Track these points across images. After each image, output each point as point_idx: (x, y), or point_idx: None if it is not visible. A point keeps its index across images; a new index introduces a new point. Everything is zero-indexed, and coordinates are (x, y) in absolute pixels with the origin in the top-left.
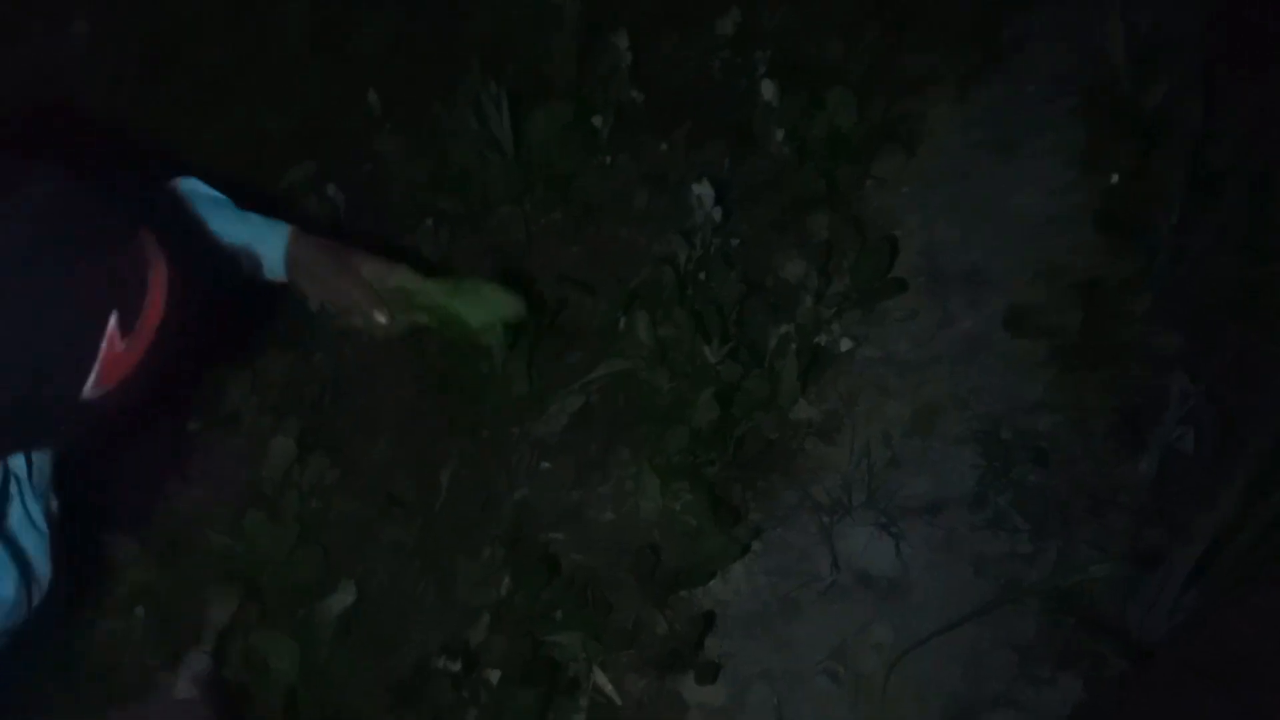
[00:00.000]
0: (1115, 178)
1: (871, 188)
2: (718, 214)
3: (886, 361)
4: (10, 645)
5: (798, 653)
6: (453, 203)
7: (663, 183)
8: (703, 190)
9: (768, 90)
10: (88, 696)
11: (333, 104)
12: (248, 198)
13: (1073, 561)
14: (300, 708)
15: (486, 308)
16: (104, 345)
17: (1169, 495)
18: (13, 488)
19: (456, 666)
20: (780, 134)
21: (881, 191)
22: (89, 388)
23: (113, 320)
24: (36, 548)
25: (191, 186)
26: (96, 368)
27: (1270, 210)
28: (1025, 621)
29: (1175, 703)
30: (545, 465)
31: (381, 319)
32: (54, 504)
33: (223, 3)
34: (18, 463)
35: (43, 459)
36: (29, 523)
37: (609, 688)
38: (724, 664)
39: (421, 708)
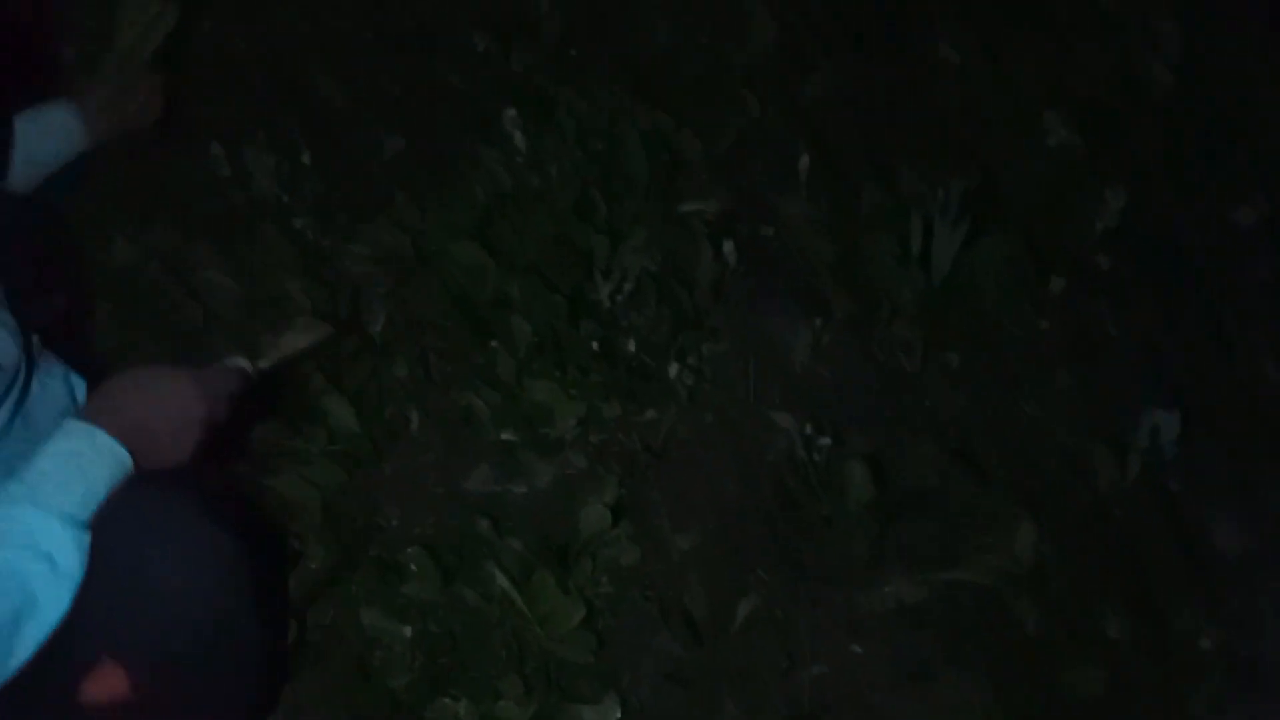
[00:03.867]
0: None
1: None
2: (1171, 450)
3: None
4: None
5: None
6: (846, 302)
7: (1096, 368)
8: (1164, 419)
9: None
10: None
11: (754, 146)
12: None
13: None
14: None
15: None
16: None
17: None
18: None
19: None
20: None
21: None
22: None
23: None
24: None
25: None
26: None
27: None
28: None
29: None
30: (857, 649)
31: None
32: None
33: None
34: None
35: None
36: None
37: None
38: None
39: None
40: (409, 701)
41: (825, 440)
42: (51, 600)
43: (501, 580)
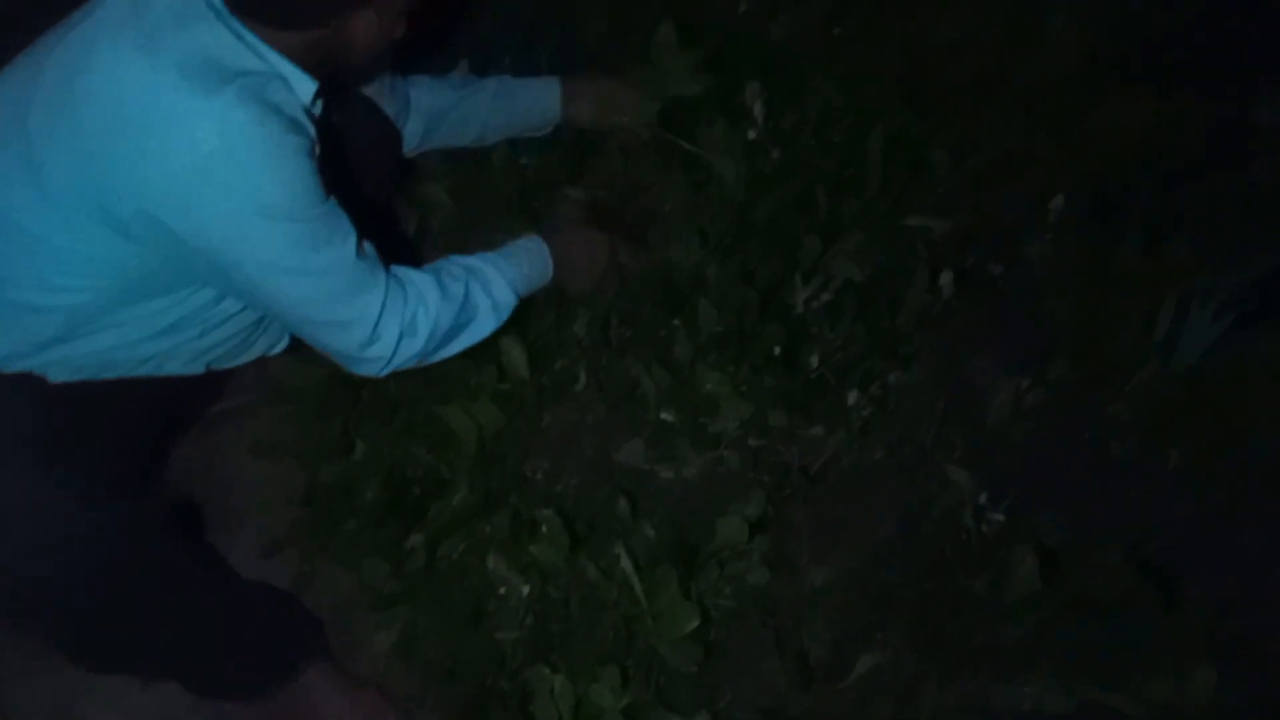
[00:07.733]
0: None
1: None
2: None
3: None
4: None
5: None
6: (1064, 366)
7: None
8: None
9: None
10: None
11: (1009, 172)
12: None
13: None
14: None
15: None
16: None
17: None
18: None
19: None
20: None
21: None
22: None
23: None
24: None
25: None
26: None
27: None
28: None
29: None
30: None
31: None
32: None
33: None
34: None
35: None
36: None
37: None
38: None
39: None
40: (511, 658)
41: (999, 516)
42: (483, 326)
43: (626, 564)
